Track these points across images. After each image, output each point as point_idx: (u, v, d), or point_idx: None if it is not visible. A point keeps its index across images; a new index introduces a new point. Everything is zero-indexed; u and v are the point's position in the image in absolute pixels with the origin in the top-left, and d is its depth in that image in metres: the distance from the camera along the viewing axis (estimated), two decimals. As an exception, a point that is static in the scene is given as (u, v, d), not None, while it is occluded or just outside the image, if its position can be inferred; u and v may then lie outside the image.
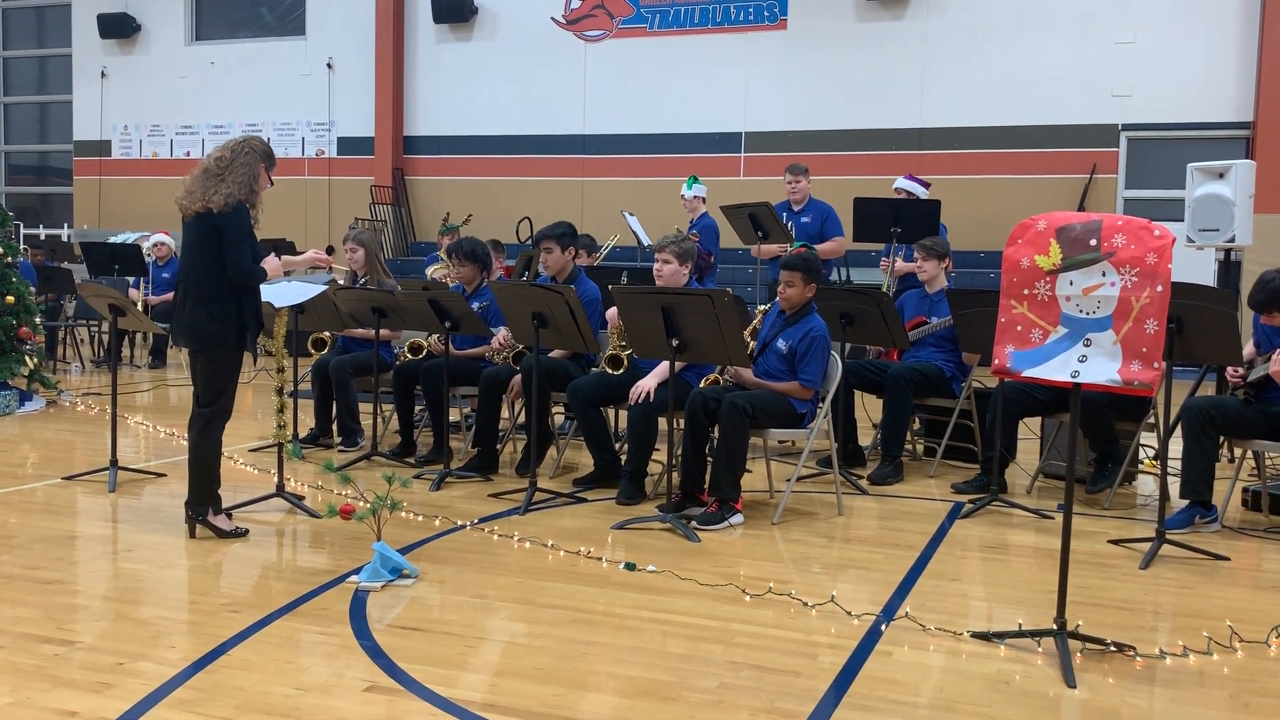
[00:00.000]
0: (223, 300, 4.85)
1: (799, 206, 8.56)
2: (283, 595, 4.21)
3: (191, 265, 4.89)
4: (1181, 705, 3.36)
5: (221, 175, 4.83)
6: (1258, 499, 5.90)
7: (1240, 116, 13.90)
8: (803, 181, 8.56)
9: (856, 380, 6.76)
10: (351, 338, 7.32)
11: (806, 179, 8.59)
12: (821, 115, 15.51)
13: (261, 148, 4.99)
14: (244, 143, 4.95)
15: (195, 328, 4.85)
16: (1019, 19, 14.60)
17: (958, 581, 4.65)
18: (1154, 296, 3.48)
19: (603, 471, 6.16)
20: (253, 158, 4.91)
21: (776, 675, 3.50)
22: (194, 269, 4.87)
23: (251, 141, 4.97)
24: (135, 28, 19.30)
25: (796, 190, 8.55)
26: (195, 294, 4.86)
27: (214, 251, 4.82)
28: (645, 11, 16.36)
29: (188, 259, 4.91)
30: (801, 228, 8.40)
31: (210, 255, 4.83)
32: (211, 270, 4.84)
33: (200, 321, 4.84)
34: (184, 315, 4.89)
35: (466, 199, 17.05)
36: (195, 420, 4.97)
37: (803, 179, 8.57)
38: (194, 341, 4.89)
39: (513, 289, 5.91)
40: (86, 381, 10.73)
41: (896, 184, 8.74)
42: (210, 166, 4.87)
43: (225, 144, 4.97)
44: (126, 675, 3.40)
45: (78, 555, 4.81)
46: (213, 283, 4.84)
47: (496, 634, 3.88)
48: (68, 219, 20.20)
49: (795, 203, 8.57)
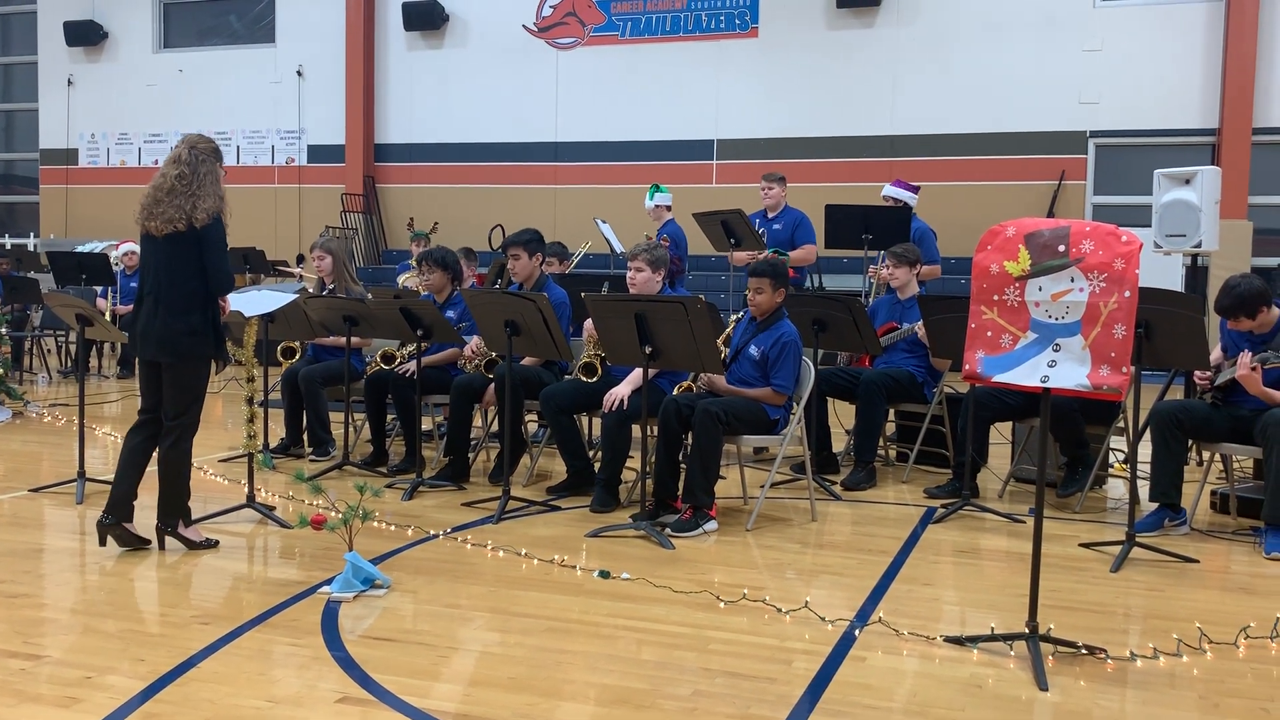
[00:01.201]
0: (198, 311, 4.80)
1: (773, 214, 8.59)
2: (253, 607, 4.17)
3: (168, 280, 4.79)
4: (1152, 707, 3.39)
5: (192, 191, 4.76)
6: (1226, 501, 5.96)
7: (1206, 123, 14.08)
8: (776, 189, 8.58)
9: (829, 387, 6.77)
10: (321, 346, 7.28)
11: (782, 187, 8.60)
12: (793, 122, 15.60)
13: (212, 148, 4.92)
14: (195, 150, 4.85)
15: (171, 341, 4.78)
16: (988, 27, 14.73)
17: (931, 586, 4.66)
18: (1122, 302, 3.51)
19: (576, 479, 6.15)
20: (211, 163, 4.86)
21: (751, 682, 3.50)
22: (170, 283, 4.79)
23: (201, 147, 4.88)
24: (102, 35, 19.14)
25: (770, 197, 8.58)
26: (170, 306, 4.78)
27: (194, 263, 4.77)
28: (617, 19, 16.39)
29: (161, 273, 4.81)
30: (774, 235, 8.43)
31: (190, 267, 4.77)
32: (191, 282, 4.78)
33: (177, 334, 4.77)
34: (154, 328, 4.80)
35: (438, 207, 17.03)
36: (164, 434, 4.89)
37: (777, 186, 8.59)
38: (170, 354, 4.80)
39: (485, 297, 5.90)
40: (53, 392, 10.61)
41: (885, 191, 8.73)
42: (176, 186, 4.77)
43: (176, 157, 4.85)
44: (94, 689, 3.36)
45: (45, 568, 4.75)
46: (191, 294, 4.78)
47: (470, 643, 3.85)
48: (34, 228, 19.98)
49: (770, 210, 8.60)
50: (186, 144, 4.91)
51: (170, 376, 4.87)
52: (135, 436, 4.95)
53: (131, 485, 4.91)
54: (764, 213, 8.63)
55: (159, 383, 4.91)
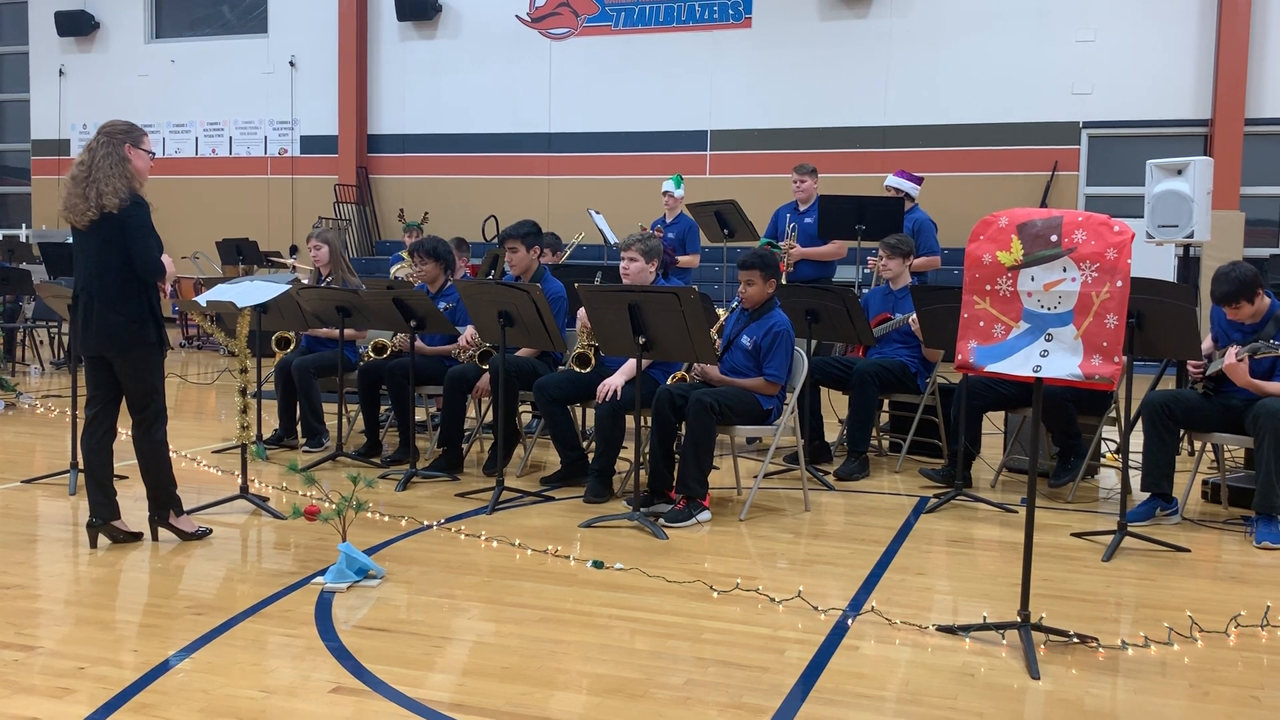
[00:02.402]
0: (133, 299, 4.73)
1: (805, 206, 8.48)
2: (247, 597, 4.17)
3: (97, 271, 4.73)
4: (1143, 695, 3.40)
5: (90, 177, 4.67)
6: (1217, 491, 5.99)
7: (1198, 114, 14.09)
8: (809, 181, 8.46)
9: (822, 377, 6.79)
10: (315, 337, 7.27)
11: (814, 179, 8.48)
12: (786, 113, 15.57)
13: (119, 129, 4.80)
14: (99, 134, 4.77)
15: (110, 332, 4.72)
16: (981, 18, 14.72)
17: (923, 576, 4.68)
18: (1114, 291, 3.52)
19: (569, 469, 6.15)
20: (111, 144, 4.73)
21: (744, 671, 3.51)
22: (99, 274, 4.72)
23: (106, 128, 4.79)
24: (94, 25, 19.05)
25: (802, 190, 8.45)
26: (103, 299, 4.71)
27: (120, 252, 4.70)
28: (610, 10, 16.35)
29: (90, 267, 4.75)
30: (805, 228, 8.35)
31: (117, 256, 4.70)
32: (119, 271, 4.71)
33: (115, 324, 4.71)
34: (92, 322, 4.74)
35: (431, 197, 16.99)
36: (134, 427, 4.86)
37: (809, 179, 8.47)
38: (112, 346, 4.74)
39: (479, 288, 5.89)
40: (46, 384, 10.58)
41: (887, 181, 8.70)
42: (78, 174, 4.70)
43: (88, 144, 4.78)
44: (87, 680, 3.36)
45: (38, 559, 4.75)
46: (122, 283, 4.72)
47: (464, 634, 3.86)
48: (26, 219, 19.91)
49: (801, 202, 8.50)
50: (100, 130, 4.81)
51: (122, 370, 4.80)
52: (90, 439, 4.88)
53: (105, 486, 4.86)
54: (794, 205, 8.51)
55: (106, 379, 4.84)
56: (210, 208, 18.06)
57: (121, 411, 4.94)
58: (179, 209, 17.46)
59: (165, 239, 4.89)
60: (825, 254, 8.27)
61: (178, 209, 17.43)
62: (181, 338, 14.40)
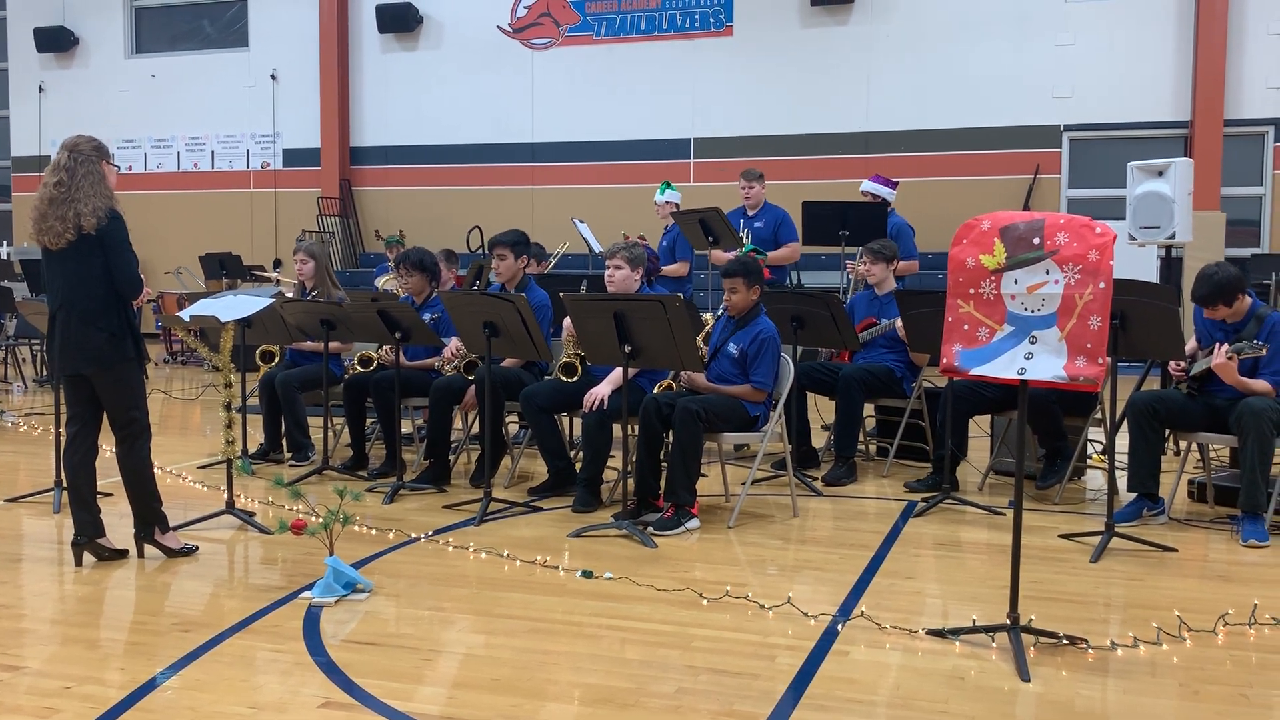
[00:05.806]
0: (112, 315, 4.69)
1: (753, 211, 8.57)
2: (234, 613, 4.15)
3: (76, 288, 4.67)
4: (1133, 695, 3.41)
5: (72, 197, 4.63)
6: (1203, 490, 6.01)
7: (1178, 116, 14.19)
8: (756, 187, 8.56)
9: (808, 382, 6.79)
10: (300, 351, 7.24)
11: (761, 184, 8.59)
12: (769, 120, 15.62)
13: (92, 146, 4.77)
14: (72, 153, 4.72)
15: (91, 348, 4.67)
16: (961, 23, 14.80)
17: (912, 580, 4.68)
18: (1097, 293, 3.53)
19: (557, 479, 6.14)
20: (90, 162, 4.70)
21: (735, 678, 3.51)
22: (78, 291, 4.67)
23: (80, 148, 4.74)
24: (73, 41, 18.99)
25: (750, 195, 8.55)
26: (82, 316, 4.66)
27: (98, 269, 4.66)
28: (592, 19, 16.38)
29: (68, 284, 4.69)
30: (755, 233, 8.41)
31: (95, 274, 4.66)
32: (98, 288, 4.67)
33: (95, 341, 4.67)
34: (71, 340, 4.69)
35: (415, 209, 16.98)
36: (117, 444, 4.82)
37: (756, 184, 8.56)
38: (93, 362, 4.69)
39: (463, 298, 5.88)
40: (29, 401, 10.52)
41: (863, 186, 8.75)
42: (55, 195, 4.65)
43: (55, 164, 4.72)
44: (74, 699, 3.34)
45: (23, 579, 4.71)
46: (101, 299, 4.67)
47: (453, 646, 3.84)
48: (7, 236, 19.80)
49: (750, 208, 8.58)
50: (65, 148, 4.75)
51: (102, 387, 4.75)
52: (72, 456, 4.84)
53: (88, 504, 4.82)
54: (743, 210, 8.62)
55: (86, 397, 4.80)
56: (193, 222, 18.00)
57: (105, 428, 4.90)
58: (162, 224, 17.41)
59: (148, 254, 4.88)
60: (779, 258, 8.30)
61: (160, 224, 17.38)
62: (165, 353, 14.33)
